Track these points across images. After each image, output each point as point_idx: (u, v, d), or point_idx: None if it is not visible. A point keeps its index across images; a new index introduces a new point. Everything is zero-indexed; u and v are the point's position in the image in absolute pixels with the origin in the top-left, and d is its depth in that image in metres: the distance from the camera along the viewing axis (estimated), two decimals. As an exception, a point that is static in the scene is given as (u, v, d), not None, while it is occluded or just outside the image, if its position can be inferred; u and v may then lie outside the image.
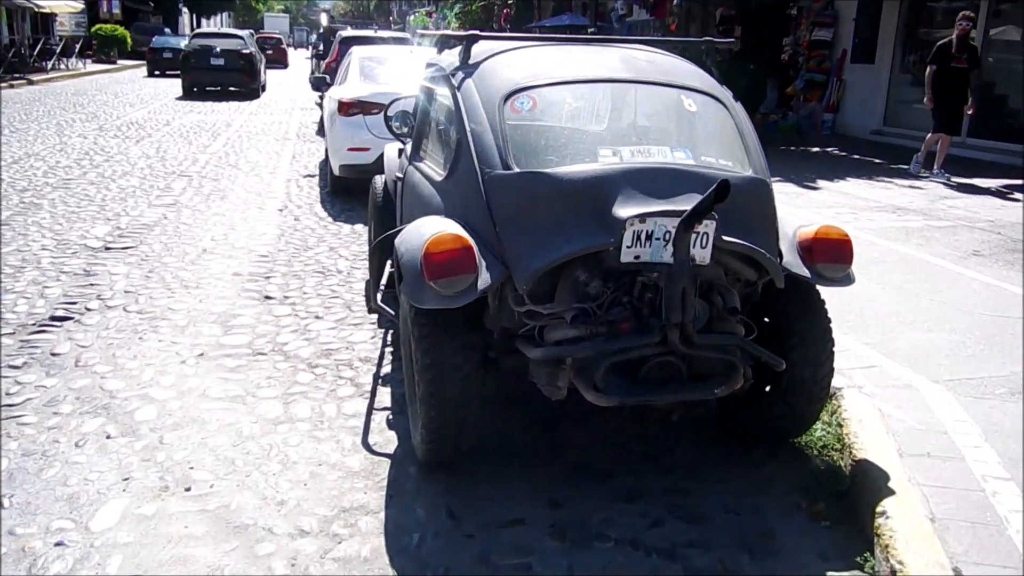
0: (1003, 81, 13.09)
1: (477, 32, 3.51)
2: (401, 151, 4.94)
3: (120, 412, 3.72)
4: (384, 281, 4.75)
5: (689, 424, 3.68)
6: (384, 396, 3.98)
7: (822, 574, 2.72)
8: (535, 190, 2.89)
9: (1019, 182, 9.81)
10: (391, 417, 3.77)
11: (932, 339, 4.51)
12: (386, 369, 4.31)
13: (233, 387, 4.03)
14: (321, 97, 12.12)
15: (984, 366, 4.14)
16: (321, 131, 13.93)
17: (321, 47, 20.71)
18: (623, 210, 2.80)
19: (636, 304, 2.94)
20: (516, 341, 3.14)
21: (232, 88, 21.62)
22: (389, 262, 5.08)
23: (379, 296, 4.25)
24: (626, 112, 3.29)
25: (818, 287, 3.20)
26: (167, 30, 38.13)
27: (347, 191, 8.74)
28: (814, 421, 3.38)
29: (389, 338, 4.74)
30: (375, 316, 5.09)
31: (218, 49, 21.18)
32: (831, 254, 3.10)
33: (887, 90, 14.45)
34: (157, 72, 27.66)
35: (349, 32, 16.45)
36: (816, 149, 13.31)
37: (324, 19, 25.99)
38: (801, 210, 7.80)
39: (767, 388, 3.25)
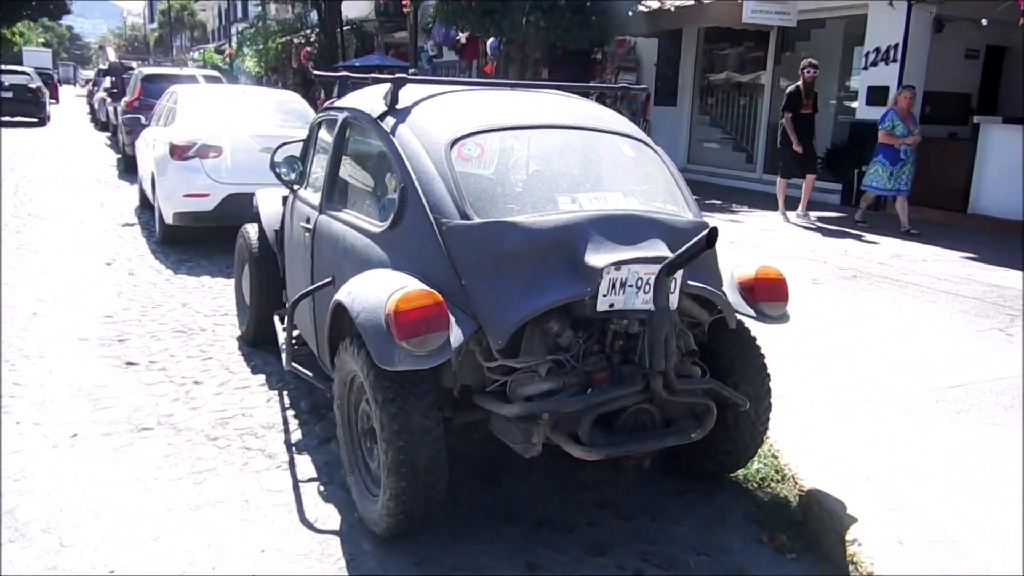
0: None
1: (404, 76, 3.37)
2: (285, 199, 4.64)
3: (-4, 513, 3.17)
4: (283, 341, 4.43)
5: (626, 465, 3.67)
6: (304, 466, 3.66)
7: (807, 606, 2.79)
8: (503, 240, 2.79)
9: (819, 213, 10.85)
10: (322, 488, 3.47)
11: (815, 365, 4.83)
12: (296, 435, 3.97)
13: (126, 469, 3.55)
14: (115, 136, 11.21)
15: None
16: (128, 175, 12.93)
17: (109, 84, 19.20)
18: (596, 258, 2.76)
19: (608, 353, 2.91)
20: (477, 398, 3.00)
21: (20, 118, 23.78)
22: (277, 320, 4.76)
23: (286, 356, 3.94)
24: (572, 158, 3.27)
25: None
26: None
27: (180, 240, 8.11)
28: (755, 454, 3.49)
29: (286, 400, 4.39)
30: (262, 377, 4.71)
31: (6, 83, 23.52)
32: (771, 293, 3.23)
33: (688, 130, 15.57)
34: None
35: (153, 70, 15.38)
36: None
37: (111, 54, 24.14)
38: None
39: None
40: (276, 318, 4.80)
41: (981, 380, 4.56)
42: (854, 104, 12.23)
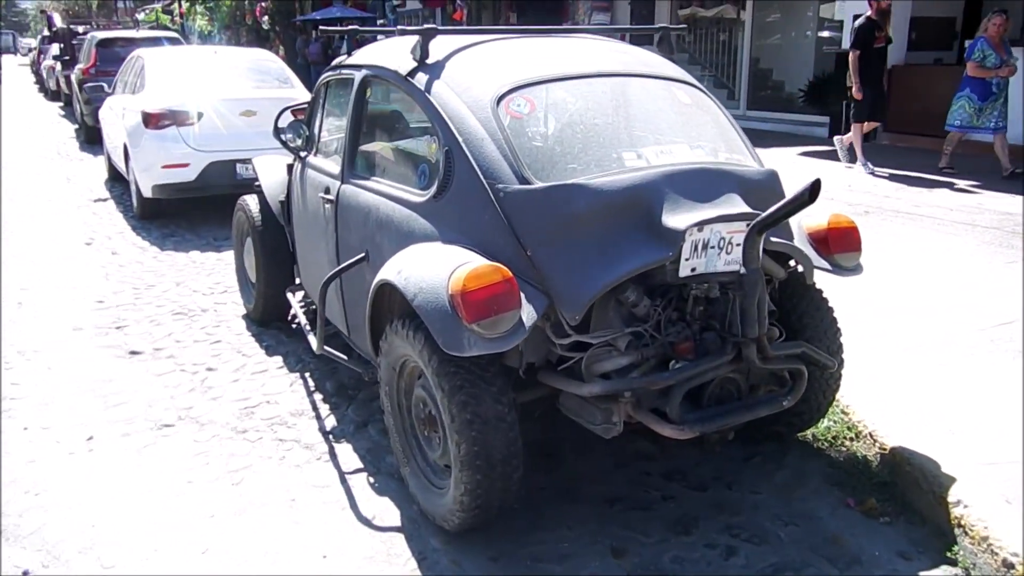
0: (767, 56, 14.23)
1: (434, 27, 3.04)
2: (291, 166, 4.31)
3: (21, 535, 2.89)
4: (302, 319, 4.15)
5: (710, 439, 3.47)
6: (346, 455, 3.42)
7: (915, 574, 2.62)
8: (573, 206, 2.52)
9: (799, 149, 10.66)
10: (371, 480, 3.23)
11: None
12: (329, 421, 3.72)
13: (154, 473, 3.28)
14: (70, 106, 10.59)
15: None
16: (91, 146, 12.38)
17: (58, 51, 18.29)
18: (676, 218, 2.51)
19: (689, 321, 2.68)
20: (544, 376, 2.77)
21: None
22: (292, 297, 4.47)
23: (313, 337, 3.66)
24: (630, 109, 2.98)
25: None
26: None
27: (159, 214, 7.71)
28: (827, 412, 3.30)
29: (310, 382, 4.12)
30: (279, 359, 4.43)
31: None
32: (845, 243, 3.00)
33: (666, 69, 15.21)
34: None
35: (108, 34, 14.61)
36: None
37: (57, 19, 22.83)
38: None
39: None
40: (290, 295, 4.51)
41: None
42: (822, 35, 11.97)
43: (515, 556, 2.73)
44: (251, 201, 4.71)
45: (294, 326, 4.91)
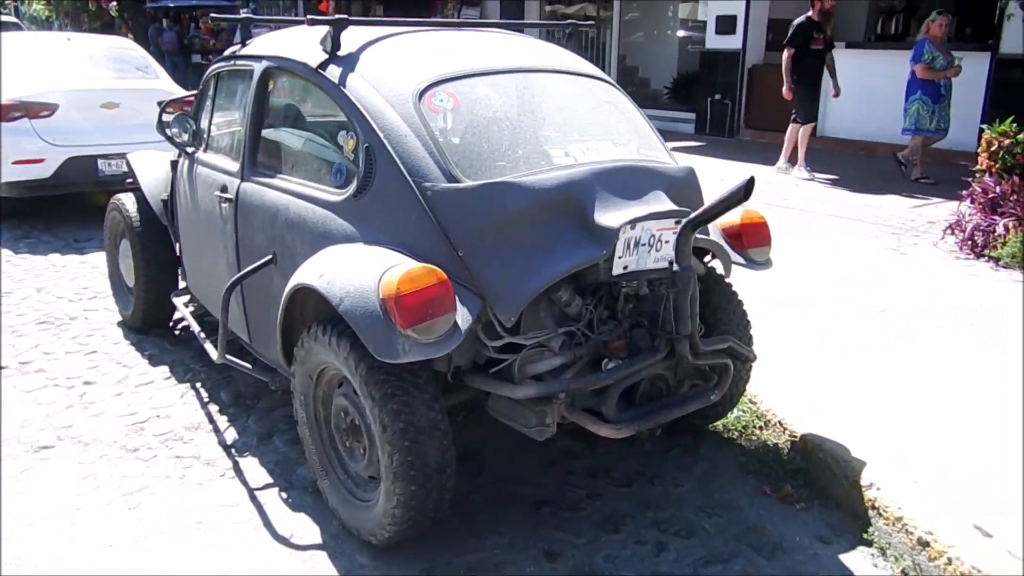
0: (633, 54, 14.63)
1: (345, 17, 2.88)
2: (175, 163, 4.02)
3: None
4: (191, 323, 3.89)
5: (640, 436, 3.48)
6: (253, 470, 3.21)
7: (835, 557, 2.72)
8: (506, 204, 2.45)
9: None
10: (284, 495, 3.05)
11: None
12: (229, 434, 3.49)
13: (36, 501, 2.97)
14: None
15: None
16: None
17: None
18: (608, 216, 2.48)
19: (619, 319, 2.66)
20: (472, 379, 2.69)
21: None
22: (178, 302, 4.20)
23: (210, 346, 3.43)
24: (550, 105, 2.93)
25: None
26: None
27: (6, 214, 7.07)
28: (737, 403, 3.39)
29: (203, 393, 3.86)
30: (164, 368, 4.13)
31: None
32: (757, 238, 3.08)
33: (536, 65, 15.35)
34: None
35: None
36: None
37: None
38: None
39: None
40: (176, 300, 4.21)
41: (901, 303, 4.70)
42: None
43: (448, 567, 2.64)
44: (127, 200, 4.37)
45: (177, 332, 4.61)
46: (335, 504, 2.81)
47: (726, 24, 11.49)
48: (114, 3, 21.70)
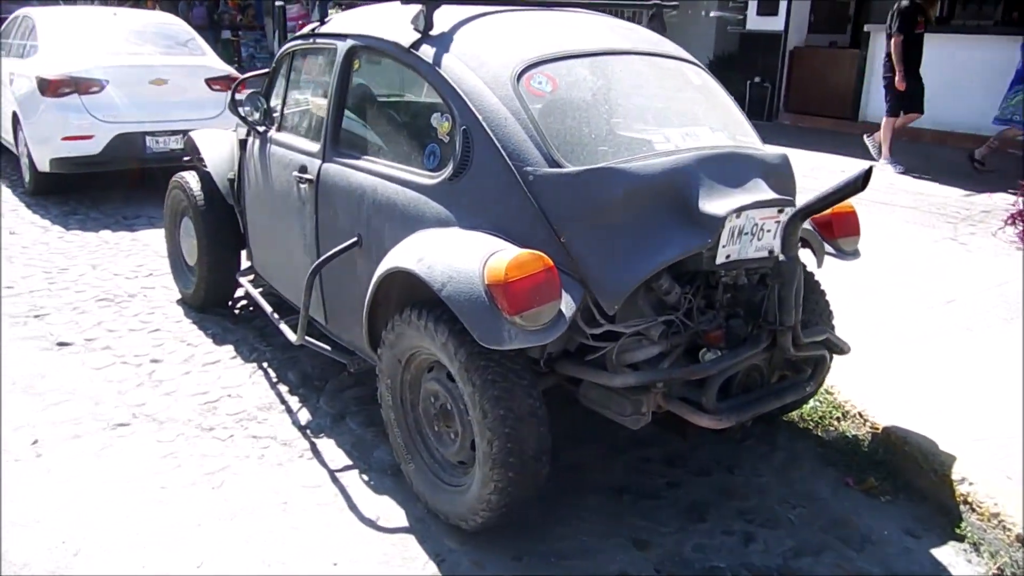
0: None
1: (435, -6, 2.83)
2: (244, 142, 4.00)
3: (-19, 555, 2.57)
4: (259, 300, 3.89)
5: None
6: (330, 451, 3.22)
7: (927, 552, 2.69)
8: (611, 190, 2.41)
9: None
10: (365, 478, 3.05)
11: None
12: (302, 415, 3.49)
13: (119, 479, 2.99)
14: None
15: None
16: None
17: None
18: (714, 204, 2.44)
19: (718, 308, 2.63)
20: (567, 367, 2.66)
21: None
22: (245, 281, 4.20)
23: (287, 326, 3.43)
24: (648, 89, 2.88)
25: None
26: None
27: (54, 190, 7.10)
28: (815, 394, 3.35)
29: (272, 374, 3.87)
30: (230, 347, 4.14)
31: None
32: (847, 227, 3.03)
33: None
34: None
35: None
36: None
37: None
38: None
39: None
40: (243, 280, 4.21)
41: (967, 294, 4.63)
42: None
43: (538, 554, 2.63)
44: (191, 178, 4.36)
45: (237, 311, 4.61)
46: (421, 488, 2.80)
47: (768, 6, 11.32)
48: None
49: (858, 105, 10.76)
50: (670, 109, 2.89)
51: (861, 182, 2.24)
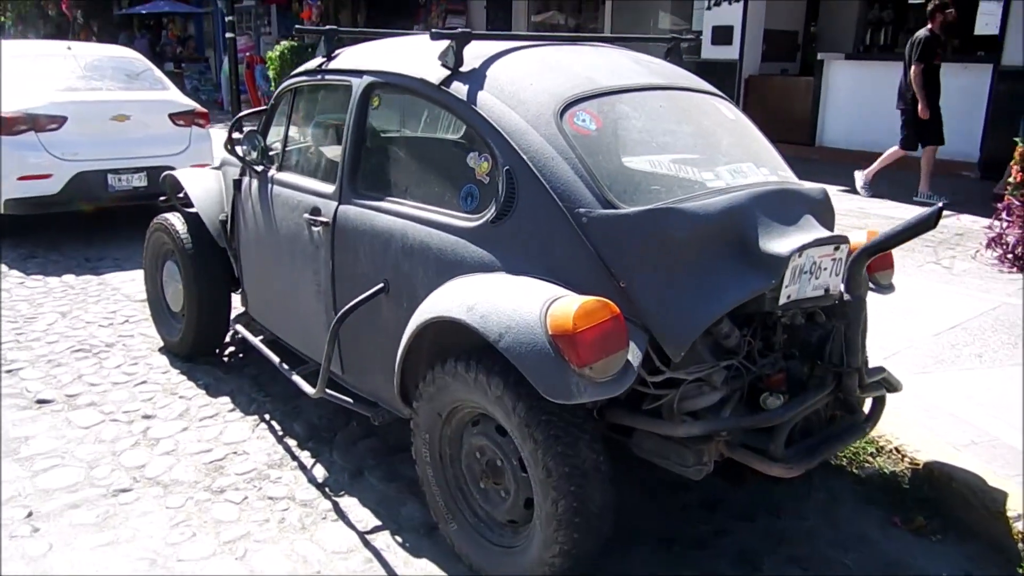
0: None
1: (467, 30, 2.71)
2: (238, 182, 3.81)
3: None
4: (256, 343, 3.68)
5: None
6: (355, 511, 3.02)
7: (989, 594, 2.63)
8: (671, 232, 2.31)
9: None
10: (399, 539, 2.86)
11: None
12: (317, 471, 3.29)
13: (129, 552, 2.75)
14: None
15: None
16: None
17: None
18: (775, 244, 2.36)
19: (776, 351, 2.54)
20: (621, 416, 2.54)
21: None
22: (243, 329, 3.99)
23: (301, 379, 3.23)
24: (689, 125, 2.80)
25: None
26: None
27: (10, 232, 6.73)
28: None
29: (276, 427, 3.65)
30: (226, 399, 3.91)
31: None
32: (883, 261, 2.99)
33: (523, 74, 15.24)
34: None
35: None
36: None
37: None
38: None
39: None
40: (240, 327, 3.99)
41: (968, 318, 4.66)
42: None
43: (599, 615, 2.49)
44: (175, 220, 4.14)
45: (226, 359, 4.38)
46: (465, 550, 2.64)
47: (722, 35, 11.50)
48: (79, 11, 21.08)
49: (815, 131, 10.97)
50: (711, 144, 2.81)
51: (933, 220, 2.18)
